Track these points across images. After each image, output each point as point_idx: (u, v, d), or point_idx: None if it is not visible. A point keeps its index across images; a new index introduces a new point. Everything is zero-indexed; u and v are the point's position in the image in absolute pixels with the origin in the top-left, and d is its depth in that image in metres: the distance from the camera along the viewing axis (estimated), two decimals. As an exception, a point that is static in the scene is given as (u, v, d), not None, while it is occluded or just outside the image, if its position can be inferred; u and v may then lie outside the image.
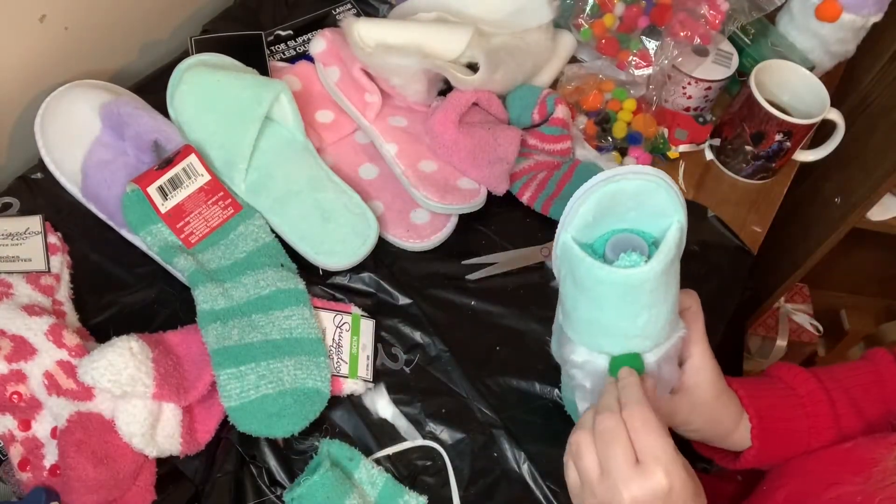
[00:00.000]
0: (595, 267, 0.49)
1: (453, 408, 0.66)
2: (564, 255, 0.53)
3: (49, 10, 0.73)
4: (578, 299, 0.52)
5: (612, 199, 0.51)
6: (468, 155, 0.74)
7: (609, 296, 0.50)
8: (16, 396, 0.57)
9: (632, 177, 0.50)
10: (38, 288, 0.63)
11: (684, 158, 0.87)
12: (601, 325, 0.52)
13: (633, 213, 0.52)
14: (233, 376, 0.60)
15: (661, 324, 0.51)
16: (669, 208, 0.51)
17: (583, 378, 0.55)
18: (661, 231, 0.52)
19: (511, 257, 0.75)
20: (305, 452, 0.63)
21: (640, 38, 0.86)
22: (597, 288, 0.50)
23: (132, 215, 0.66)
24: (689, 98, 0.88)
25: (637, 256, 0.50)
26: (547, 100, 0.80)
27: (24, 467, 0.57)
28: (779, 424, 0.60)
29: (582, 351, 0.54)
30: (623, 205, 0.51)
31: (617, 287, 0.49)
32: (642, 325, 0.51)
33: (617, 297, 0.50)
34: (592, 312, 0.52)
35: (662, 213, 0.51)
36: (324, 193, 0.72)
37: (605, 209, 0.51)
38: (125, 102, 0.70)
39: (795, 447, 0.60)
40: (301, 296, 0.66)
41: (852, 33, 0.89)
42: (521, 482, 0.64)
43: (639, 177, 0.50)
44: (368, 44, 0.74)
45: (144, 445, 0.57)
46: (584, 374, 0.54)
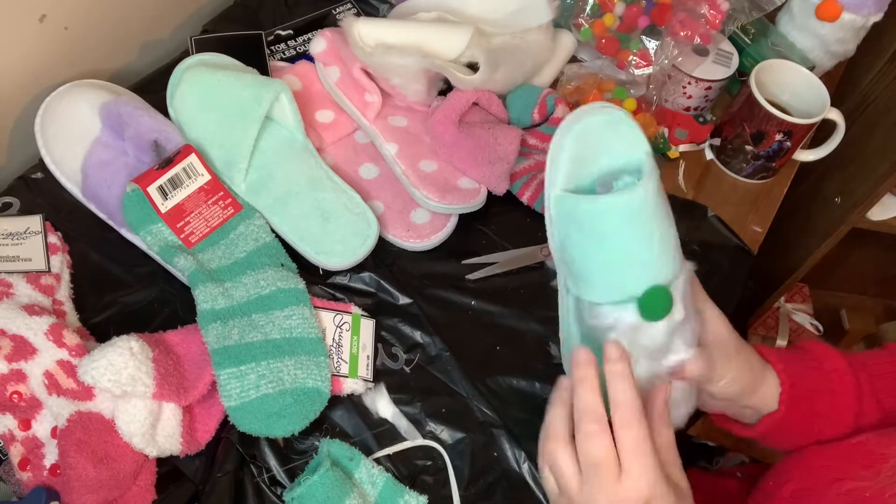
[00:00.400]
0: (597, 201, 0.49)
1: (453, 408, 0.66)
2: (561, 212, 0.52)
3: (49, 10, 0.73)
4: (588, 248, 0.51)
5: (583, 141, 0.52)
6: (468, 155, 0.74)
7: (619, 225, 0.49)
8: (16, 396, 0.57)
9: (596, 112, 0.51)
10: (39, 288, 0.63)
11: (684, 158, 0.87)
12: (619, 262, 0.51)
13: (605, 158, 0.52)
14: (233, 376, 0.60)
15: (672, 244, 0.51)
16: (635, 141, 0.52)
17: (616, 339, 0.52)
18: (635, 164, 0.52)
19: (511, 257, 0.75)
20: (305, 452, 0.63)
21: (640, 38, 0.86)
22: (604, 223, 0.50)
23: (132, 215, 0.66)
24: (689, 98, 0.88)
25: (630, 178, 0.50)
26: (547, 99, 0.80)
27: (24, 467, 0.57)
28: (805, 395, 0.58)
29: (606, 310, 0.52)
30: (593, 147, 0.52)
31: (623, 211, 0.49)
32: (657, 247, 0.50)
33: (627, 223, 0.49)
34: (607, 253, 0.51)
35: (630, 148, 0.52)
36: (324, 193, 0.72)
37: (579, 155, 0.52)
38: (125, 102, 0.70)
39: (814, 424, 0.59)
40: (301, 295, 0.66)
41: (852, 33, 0.89)
42: (521, 482, 0.64)
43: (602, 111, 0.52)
44: (368, 43, 0.74)
45: (144, 445, 0.57)
46: (618, 334, 0.52)
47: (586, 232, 0.51)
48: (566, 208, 0.52)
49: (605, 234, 0.50)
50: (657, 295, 0.50)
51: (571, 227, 0.52)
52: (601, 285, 0.52)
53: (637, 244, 0.50)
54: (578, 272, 0.53)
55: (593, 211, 0.50)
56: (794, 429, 0.59)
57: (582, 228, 0.51)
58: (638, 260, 0.50)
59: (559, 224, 0.53)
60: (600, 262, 0.51)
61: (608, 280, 0.51)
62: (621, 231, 0.50)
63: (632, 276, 0.51)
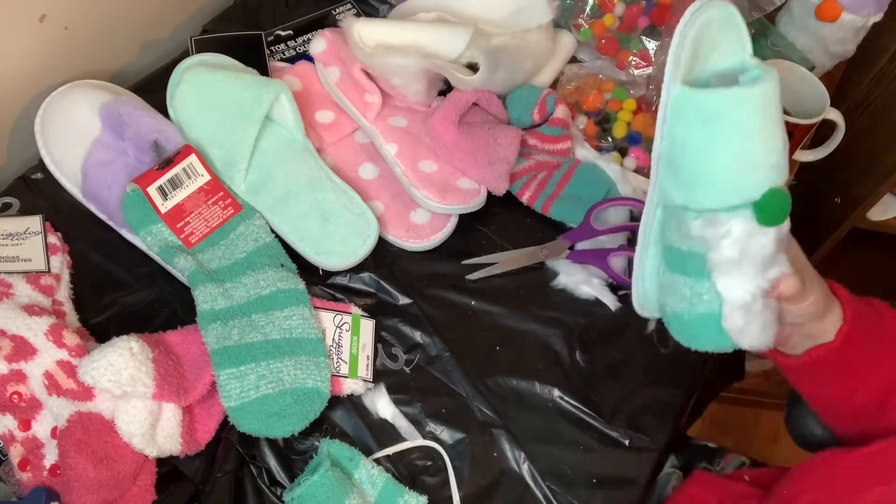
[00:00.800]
0: (730, 92, 0.47)
1: (453, 408, 0.66)
2: (684, 108, 0.50)
3: (49, 10, 0.73)
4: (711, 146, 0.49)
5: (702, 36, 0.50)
6: (468, 155, 0.74)
7: (751, 119, 0.48)
8: (16, 396, 0.57)
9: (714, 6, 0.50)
10: (38, 288, 0.63)
11: (684, 158, 0.87)
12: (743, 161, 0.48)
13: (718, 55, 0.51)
14: (233, 376, 0.60)
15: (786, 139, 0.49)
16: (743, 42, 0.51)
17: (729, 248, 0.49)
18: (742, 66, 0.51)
19: (511, 257, 0.75)
20: (305, 452, 0.63)
21: (640, 38, 0.86)
22: (736, 115, 0.48)
23: (132, 215, 0.66)
24: (689, 98, 0.88)
25: (757, 71, 0.49)
26: (547, 100, 0.80)
27: (24, 467, 0.57)
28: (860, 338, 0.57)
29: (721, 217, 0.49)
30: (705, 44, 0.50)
31: (758, 103, 0.47)
32: (782, 146, 0.49)
33: (759, 116, 0.48)
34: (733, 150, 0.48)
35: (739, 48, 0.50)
36: (324, 193, 0.72)
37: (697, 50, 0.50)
38: (125, 102, 0.70)
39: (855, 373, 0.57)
40: (301, 296, 0.66)
41: (852, 33, 0.89)
42: (521, 482, 0.64)
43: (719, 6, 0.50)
44: (368, 44, 0.74)
45: (144, 445, 0.57)
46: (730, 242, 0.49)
47: (715, 127, 0.48)
48: (691, 104, 0.49)
49: (738, 128, 0.48)
50: (777, 197, 0.48)
51: (694, 125, 0.49)
52: (718, 188, 0.49)
53: (764, 142, 0.48)
54: (691, 176, 0.50)
55: (725, 102, 0.47)
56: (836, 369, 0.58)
57: (708, 124, 0.48)
58: (762, 160, 0.48)
59: (677, 123, 0.50)
60: (722, 162, 0.49)
61: (728, 182, 0.49)
62: (752, 125, 0.47)
63: (753, 177, 0.48)
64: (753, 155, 0.48)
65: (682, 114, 0.50)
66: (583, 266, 0.74)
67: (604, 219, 0.77)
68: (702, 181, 0.50)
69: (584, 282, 0.73)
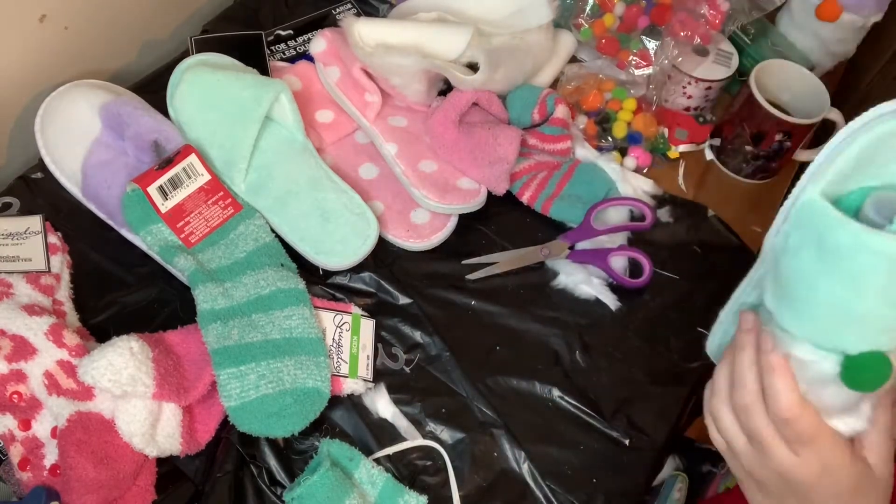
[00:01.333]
0: (864, 233, 0.37)
1: (453, 408, 0.66)
2: (806, 219, 0.41)
3: (49, 10, 0.73)
4: (822, 278, 0.40)
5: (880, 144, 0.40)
6: (468, 155, 0.74)
7: (877, 272, 0.38)
8: (16, 396, 0.57)
9: None
10: (38, 288, 0.63)
11: (684, 158, 0.87)
12: (852, 312, 0.39)
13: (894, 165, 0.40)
14: (233, 376, 0.60)
15: None
16: None
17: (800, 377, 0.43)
18: None
19: (511, 257, 0.75)
20: (305, 452, 0.63)
21: (640, 38, 0.86)
22: (860, 261, 0.38)
23: (132, 215, 0.66)
24: (689, 98, 0.88)
25: None
26: (547, 100, 0.80)
27: (24, 467, 0.57)
28: None
29: (804, 348, 0.42)
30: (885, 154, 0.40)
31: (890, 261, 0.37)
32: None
33: (887, 274, 0.38)
34: (843, 295, 0.39)
35: None
36: (324, 193, 0.72)
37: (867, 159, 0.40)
38: (125, 102, 0.70)
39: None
40: (301, 296, 0.66)
41: (852, 33, 0.89)
42: (521, 482, 0.64)
43: None
44: (368, 44, 0.74)
45: (144, 445, 0.57)
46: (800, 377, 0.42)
47: (830, 260, 0.39)
48: (816, 220, 0.40)
49: (852, 276, 0.39)
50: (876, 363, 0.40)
51: (810, 244, 0.40)
52: (812, 323, 0.41)
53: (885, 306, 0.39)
54: (790, 292, 0.42)
55: (856, 244, 0.38)
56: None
57: (825, 253, 0.39)
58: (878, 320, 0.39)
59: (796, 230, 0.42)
60: (827, 301, 0.40)
61: (825, 323, 0.41)
62: (879, 281, 0.38)
63: (859, 333, 0.40)
64: (863, 311, 0.39)
65: (800, 224, 0.42)
66: (583, 266, 0.74)
67: (604, 219, 0.77)
68: (794, 304, 0.42)
69: (584, 282, 0.73)
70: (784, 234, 0.43)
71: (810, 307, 0.41)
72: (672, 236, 0.79)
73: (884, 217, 0.39)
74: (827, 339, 0.41)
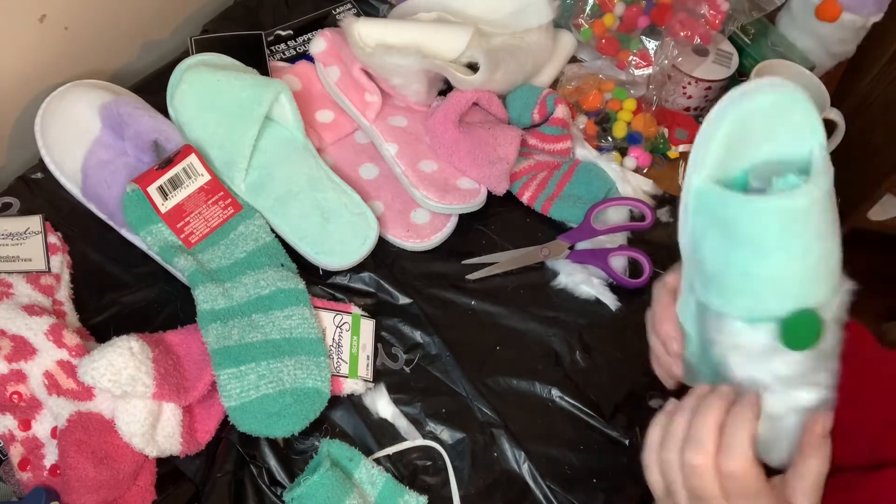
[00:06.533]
0: (750, 202, 0.41)
1: (453, 408, 0.66)
2: (703, 205, 0.44)
3: (49, 10, 0.73)
4: (729, 253, 0.43)
5: (744, 125, 0.43)
6: (468, 155, 0.74)
7: (773, 231, 0.41)
8: (16, 396, 0.57)
9: (766, 90, 0.42)
10: (38, 288, 0.63)
11: (684, 158, 0.87)
12: (766, 275, 0.42)
13: (767, 146, 0.43)
14: (233, 376, 0.60)
15: (834, 260, 0.42)
16: (809, 131, 0.43)
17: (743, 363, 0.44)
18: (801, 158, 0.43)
19: (511, 257, 0.75)
20: (305, 452, 0.63)
21: (640, 38, 0.86)
22: (756, 226, 0.41)
23: (132, 215, 0.66)
24: (689, 98, 0.88)
25: (795, 178, 0.41)
26: (547, 100, 0.80)
27: (24, 467, 0.57)
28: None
29: (737, 327, 0.44)
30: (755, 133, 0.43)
31: (782, 216, 0.41)
32: (814, 262, 0.42)
33: (783, 230, 0.41)
34: (753, 262, 0.42)
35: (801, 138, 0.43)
36: (324, 193, 0.72)
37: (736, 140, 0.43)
38: (125, 102, 0.70)
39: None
40: (301, 296, 0.66)
41: (852, 33, 0.89)
42: (521, 482, 0.64)
43: (774, 89, 0.42)
44: (368, 44, 0.74)
45: (144, 445, 0.57)
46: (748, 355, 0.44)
47: (730, 234, 0.43)
48: (709, 202, 0.43)
49: (753, 240, 0.42)
50: (806, 320, 0.42)
51: (712, 225, 0.44)
52: (737, 298, 0.44)
53: (794, 258, 0.41)
54: (711, 276, 0.45)
55: (744, 212, 0.41)
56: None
57: (725, 229, 0.43)
58: (791, 275, 0.42)
59: (696, 217, 0.45)
60: (741, 272, 0.43)
61: (747, 293, 0.43)
62: (778, 239, 0.41)
63: (777, 293, 0.42)
64: (775, 271, 0.42)
65: (699, 209, 0.45)
66: (583, 266, 0.74)
67: (604, 219, 0.77)
68: (719, 284, 0.44)
69: (584, 282, 0.73)
70: (690, 228, 0.46)
71: (731, 283, 0.43)
72: (672, 236, 0.78)
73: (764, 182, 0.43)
74: (757, 310, 0.43)
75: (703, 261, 0.45)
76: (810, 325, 0.42)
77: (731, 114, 0.43)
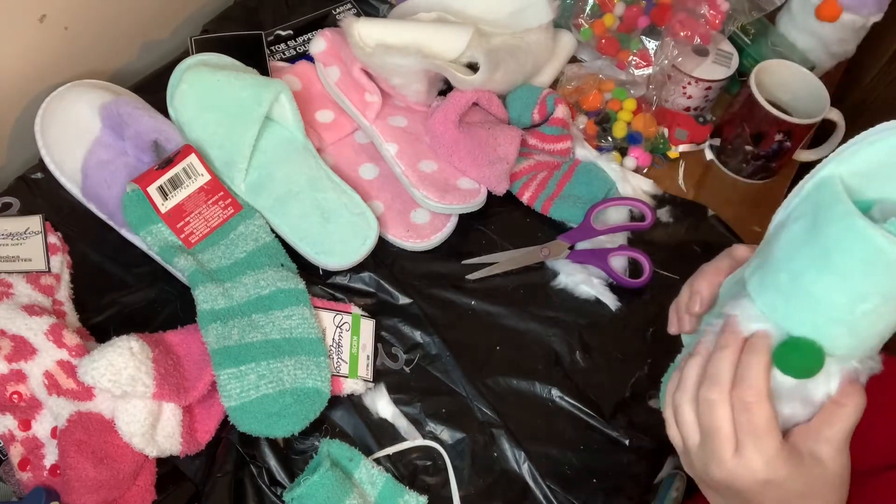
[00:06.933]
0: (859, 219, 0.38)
1: (453, 408, 0.66)
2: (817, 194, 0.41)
3: (49, 10, 0.73)
4: (802, 251, 0.41)
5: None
6: (468, 155, 0.74)
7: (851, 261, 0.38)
8: (16, 396, 0.57)
9: None
10: (38, 288, 0.63)
11: (684, 158, 0.87)
12: (810, 290, 0.40)
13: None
14: (233, 376, 0.60)
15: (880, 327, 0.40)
16: None
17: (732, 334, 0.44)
18: None
19: (511, 257, 0.75)
20: (305, 452, 0.63)
21: (640, 38, 0.86)
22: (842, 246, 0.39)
23: (132, 215, 0.66)
24: (689, 98, 0.88)
25: None
26: (547, 100, 0.80)
27: (24, 467, 0.57)
28: None
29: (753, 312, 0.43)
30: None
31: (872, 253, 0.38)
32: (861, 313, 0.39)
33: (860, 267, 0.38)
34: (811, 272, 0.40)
35: None
36: (324, 193, 0.72)
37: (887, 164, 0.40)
38: (125, 102, 0.70)
39: None
40: (301, 296, 0.66)
41: (852, 33, 0.89)
42: (521, 482, 0.64)
43: None
44: (368, 44, 0.74)
45: (144, 445, 0.57)
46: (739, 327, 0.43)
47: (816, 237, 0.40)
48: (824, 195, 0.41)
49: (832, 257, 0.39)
50: (803, 349, 0.40)
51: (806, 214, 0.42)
52: (775, 291, 0.42)
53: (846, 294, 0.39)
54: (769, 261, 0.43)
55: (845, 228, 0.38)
56: None
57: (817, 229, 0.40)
58: (831, 307, 0.40)
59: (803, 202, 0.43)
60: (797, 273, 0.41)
61: (787, 292, 0.41)
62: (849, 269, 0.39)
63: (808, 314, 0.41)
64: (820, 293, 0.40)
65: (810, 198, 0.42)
66: (583, 266, 0.74)
67: (604, 219, 0.77)
68: (767, 270, 0.43)
69: (584, 282, 0.73)
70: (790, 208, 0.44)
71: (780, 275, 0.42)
72: (672, 236, 0.79)
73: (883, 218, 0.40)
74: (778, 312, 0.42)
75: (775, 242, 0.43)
76: (810, 358, 0.40)
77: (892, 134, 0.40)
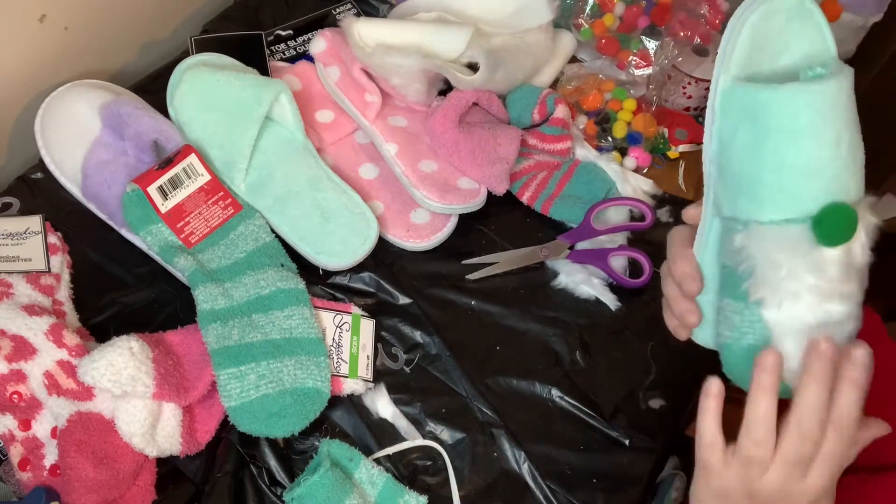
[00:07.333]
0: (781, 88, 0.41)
1: (453, 408, 0.66)
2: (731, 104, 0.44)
3: (49, 10, 0.73)
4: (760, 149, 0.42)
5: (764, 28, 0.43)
6: (468, 155, 0.74)
7: (804, 117, 0.41)
8: (16, 396, 0.57)
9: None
10: (38, 288, 0.63)
11: (684, 158, 0.87)
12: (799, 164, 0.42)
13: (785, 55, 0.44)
14: (233, 376, 0.60)
15: (861, 155, 0.43)
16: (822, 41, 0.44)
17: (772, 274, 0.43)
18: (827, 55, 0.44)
19: (511, 257, 0.75)
20: (305, 452, 0.63)
21: (640, 38, 0.86)
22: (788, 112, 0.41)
23: (132, 215, 0.66)
24: (689, 98, 0.88)
25: (822, 70, 0.42)
26: (547, 100, 0.80)
27: (24, 467, 0.57)
28: None
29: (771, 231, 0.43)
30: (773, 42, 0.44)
31: (813, 101, 0.41)
32: (845, 152, 0.42)
33: (814, 115, 0.41)
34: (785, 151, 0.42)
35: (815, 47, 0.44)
36: (324, 193, 0.72)
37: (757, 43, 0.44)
38: (125, 102, 0.70)
39: None
40: (301, 296, 0.66)
41: (852, 33, 0.89)
42: (521, 482, 0.64)
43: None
44: (368, 44, 0.74)
45: (144, 445, 0.57)
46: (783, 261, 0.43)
47: (761, 127, 0.42)
48: (738, 100, 0.43)
49: (784, 128, 0.41)
50: (839, 213, 0.41)
51: (741, 122, 0.43)
52: (769, 197, 0.43)
53: (825, 146, 0.41)
54: (740, 180, 0.44)
55: (775, 100, 0.41)
56: None
57: (756, 122, 0.42)
58: (821, 164, 0.42)
59: (724, 119, 0.44)
60: (773, 166, 0.42)
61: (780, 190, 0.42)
62: (807, 126, 0.41)
63: (810, 187, 0.42)
64: (807, 162, 0.42)
65: (727, 110, 0.44)
66: (583, 266, 0.74)
67: (604, 219, 0.77)
68: (750, 188, 0.44)
69: (584, 282, 0.73)
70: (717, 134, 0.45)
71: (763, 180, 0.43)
72: (672, 236, 0.79)
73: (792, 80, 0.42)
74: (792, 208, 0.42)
75: (730, 164, 0.45)
76: (844, 217, 0.42)
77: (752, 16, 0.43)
